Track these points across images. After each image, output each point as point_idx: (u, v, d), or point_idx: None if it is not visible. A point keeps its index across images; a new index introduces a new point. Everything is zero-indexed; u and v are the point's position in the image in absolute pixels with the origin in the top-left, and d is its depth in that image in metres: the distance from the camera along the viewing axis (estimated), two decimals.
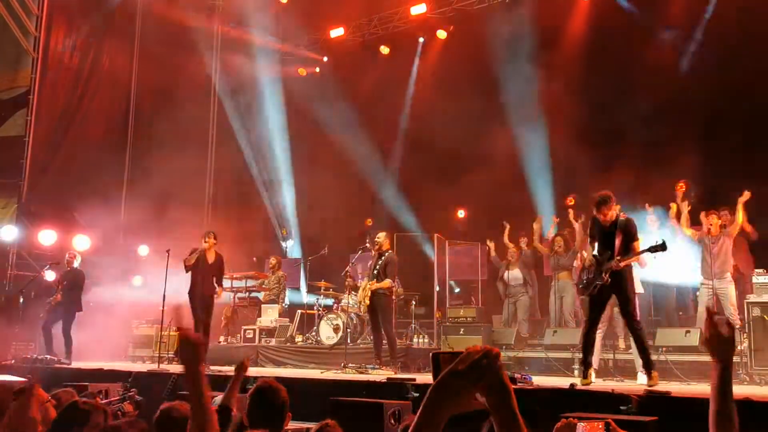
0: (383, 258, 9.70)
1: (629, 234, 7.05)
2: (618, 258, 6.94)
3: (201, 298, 9.81)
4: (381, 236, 9.85)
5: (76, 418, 3.14)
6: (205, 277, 9.87)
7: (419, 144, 14.26)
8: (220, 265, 10.16)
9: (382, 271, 9.58)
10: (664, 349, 8.63)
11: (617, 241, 6.98)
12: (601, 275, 6.95)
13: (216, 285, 10.06)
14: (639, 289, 8.05)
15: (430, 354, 1.58)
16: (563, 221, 11.13)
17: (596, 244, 7.20)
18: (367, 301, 9.56)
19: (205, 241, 9.92)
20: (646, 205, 9.77)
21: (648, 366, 6.82)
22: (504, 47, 13.13)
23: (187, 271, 9.86)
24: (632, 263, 7.24)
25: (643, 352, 6.90)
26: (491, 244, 12.03)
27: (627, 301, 7.00)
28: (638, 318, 7.07)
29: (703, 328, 1.96)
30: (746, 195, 8.65)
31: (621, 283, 6.98)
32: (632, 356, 7.84)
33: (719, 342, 2.02)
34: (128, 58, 15.68)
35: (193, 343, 2.28)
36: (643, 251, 7.10)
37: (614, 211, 7.11)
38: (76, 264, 11.40)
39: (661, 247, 6.88)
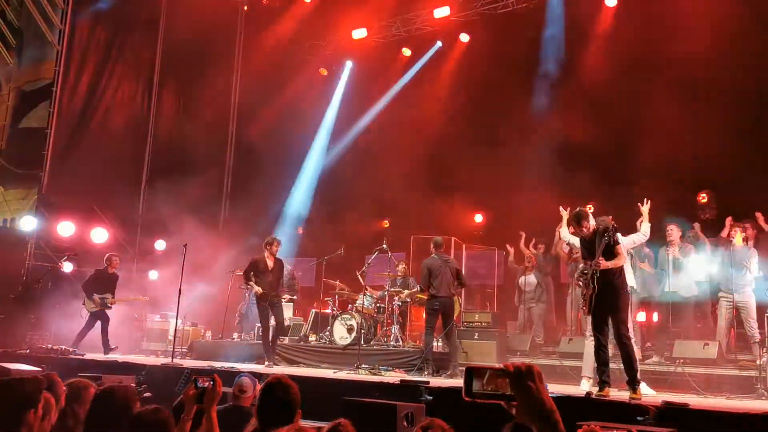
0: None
1: (611, 239, 7.01)
2: (598, 260, 6.93)
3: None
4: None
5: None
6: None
7: (437, 146, 14.18)
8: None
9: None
10: (681, 361, 8.52)
11: (599, 248, 6.97)
12: (591, 284, 6.90)
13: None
14: (631, 282, 7.94)
15: (465, 368, 1.59)
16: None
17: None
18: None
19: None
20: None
21: (632, 382, 6.68)
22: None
23: None
24: (622, 267, 7.15)
25: (629, 367, 6.77)
26: (511, 249, 11.92)
27: (616, 312, 6.93)
28: (629, 333, 6.98)
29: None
30: None
31: (611, 293, 6.93)
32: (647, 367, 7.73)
33: None
34: (152, 52, 15.75)
35: None
36: None
37: (591, 223, 7.19)
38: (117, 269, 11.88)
39: None
